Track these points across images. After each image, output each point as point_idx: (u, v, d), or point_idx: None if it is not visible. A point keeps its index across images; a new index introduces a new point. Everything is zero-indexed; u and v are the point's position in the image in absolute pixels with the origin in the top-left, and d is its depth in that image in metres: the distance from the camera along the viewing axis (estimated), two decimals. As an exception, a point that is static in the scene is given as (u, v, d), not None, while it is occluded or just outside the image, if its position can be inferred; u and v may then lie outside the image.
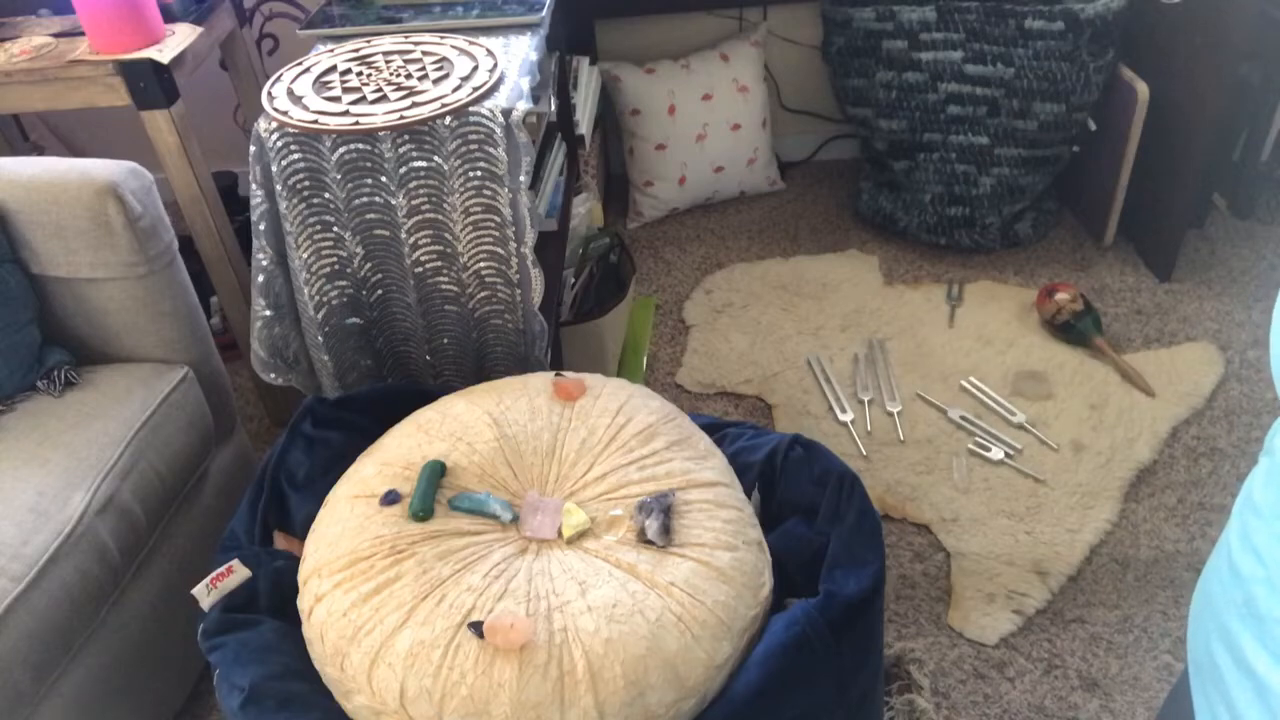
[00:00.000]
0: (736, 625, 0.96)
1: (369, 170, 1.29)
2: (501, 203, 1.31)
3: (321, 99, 1.31)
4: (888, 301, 2.25)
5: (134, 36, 1.59)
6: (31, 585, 1.16)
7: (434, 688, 0.89)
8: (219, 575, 1.05)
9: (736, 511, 1.06)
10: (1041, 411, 1.92)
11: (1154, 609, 1.55)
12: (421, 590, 0.94)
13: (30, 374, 1.40)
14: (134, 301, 1.44)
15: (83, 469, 1.29)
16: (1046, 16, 2.08)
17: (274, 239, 1.36)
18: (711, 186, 2.59)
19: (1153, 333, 2.11)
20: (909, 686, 1.44)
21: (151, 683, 1.38)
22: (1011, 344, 2.09)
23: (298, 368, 1.47)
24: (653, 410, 1.16)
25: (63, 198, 1.35)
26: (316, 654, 0.97)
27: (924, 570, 1.65)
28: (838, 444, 1.88)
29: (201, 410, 1.49)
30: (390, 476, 1.07)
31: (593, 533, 1.02)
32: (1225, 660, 0.66)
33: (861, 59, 2.29)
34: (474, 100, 1.28)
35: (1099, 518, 1.70)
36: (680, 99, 2.46)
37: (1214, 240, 2.37)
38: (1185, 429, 1.87)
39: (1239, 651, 0.63)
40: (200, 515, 1.50)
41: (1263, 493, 0.65)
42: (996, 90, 2.17)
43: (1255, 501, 0.66)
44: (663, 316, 2.29)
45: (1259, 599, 0.62)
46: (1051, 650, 1.51)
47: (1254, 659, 0.62)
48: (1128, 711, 1.42)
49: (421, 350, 1.46)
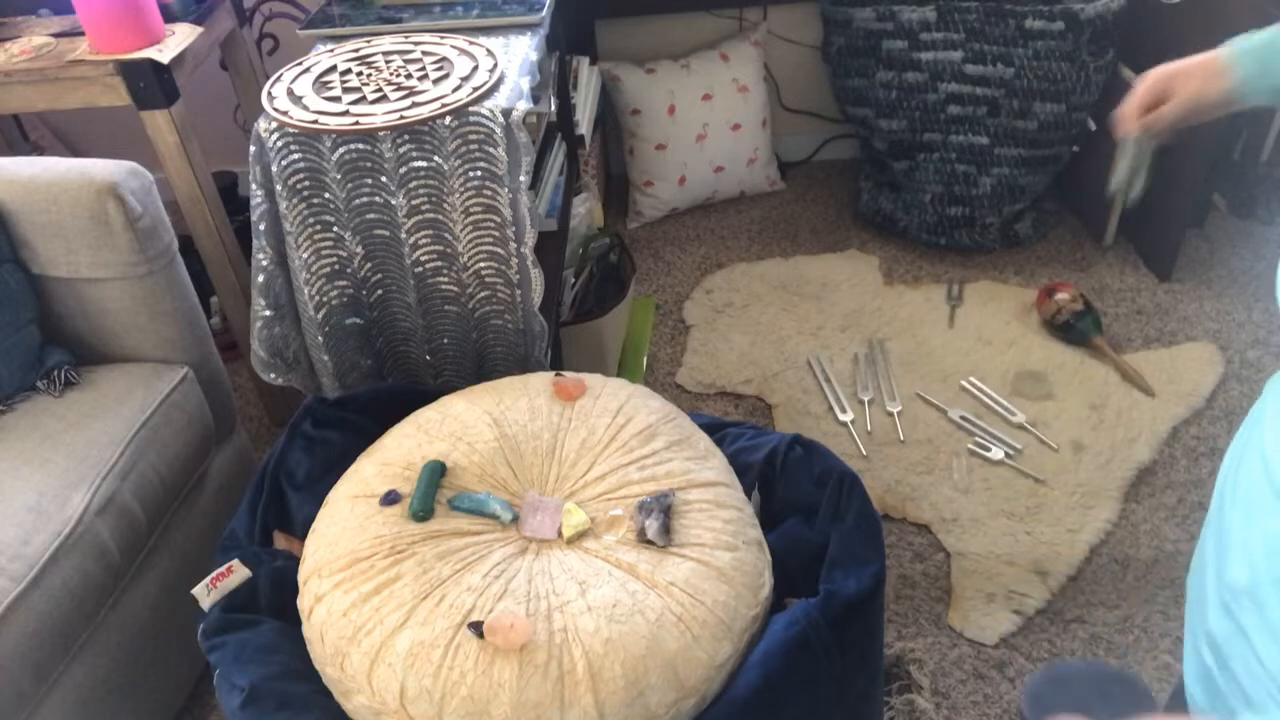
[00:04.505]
0: (736, 625, 0.96)
1: (369, 170, 1.29)
2: (501, 203, 1.31)
3: (321, 99, 1.31)
4: (888, 301, 2.25)
5: (134, 36, 1.59)
6: (32, 585, 1.16)
7: (434, 688, 0.89)
8: (219, 575, 1.05)
9: (736, 511, 1.06)
10: (1041, 411, 1.92)
11: (1154, 609, 1.55)
12: (421, 590, 0.94)
13: (30, 374, 1.40)
14: (134, 301, 1.44)
15: (83, 469, 1.29)
16: (1046, 16, 2.08)
17: (274, 239, 1.36)
18: (711, 186, 2.59)
19: (1153, 333, 2.11)
20: (909, 686, 1.44)
21: (151, 683, 1.38)
22: (1011, 344, 2.09)
23: (298, 368, 1.47)
24: (653, 410, 1.16)
25: (63, 198, 1.35)
26: (316, 654, 0.97)
27: (924, 570, 1.65)
28: (838, 444, 1.88)
29: (201, 410, 1.49)
30: (390, 476, 1.07)
31: (593, 533, 1.02)
32: (1197, 574, 0.71)
33: (861, 59, 2.29)
34: (474, 100, 1.28)
35: (1099, 518, 1.70)
36: (680, 99, 2.46)
37: (1214, 240, 2.37)
38: (1185, 429, 1.87)
39: (1204, 553, 0.70)
40: (200, 515, 1.50)
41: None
42: (996, 90, 2.17)
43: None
44: (663, 316, 2.29)
45: (1224, 496, 0.69)
46: (1051, 650, 1.51)
47: (1210, 548, 0.68)
48: (1128, 711, 1.42)
49: (421, 350, 1.46)
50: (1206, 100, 0.95)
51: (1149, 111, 1.00)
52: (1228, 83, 0.93)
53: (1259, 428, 0.66)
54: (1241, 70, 0.92)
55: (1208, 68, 0.95)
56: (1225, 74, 0.93)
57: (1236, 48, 0.93)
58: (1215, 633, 0.65)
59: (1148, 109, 1.00)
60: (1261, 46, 0.91)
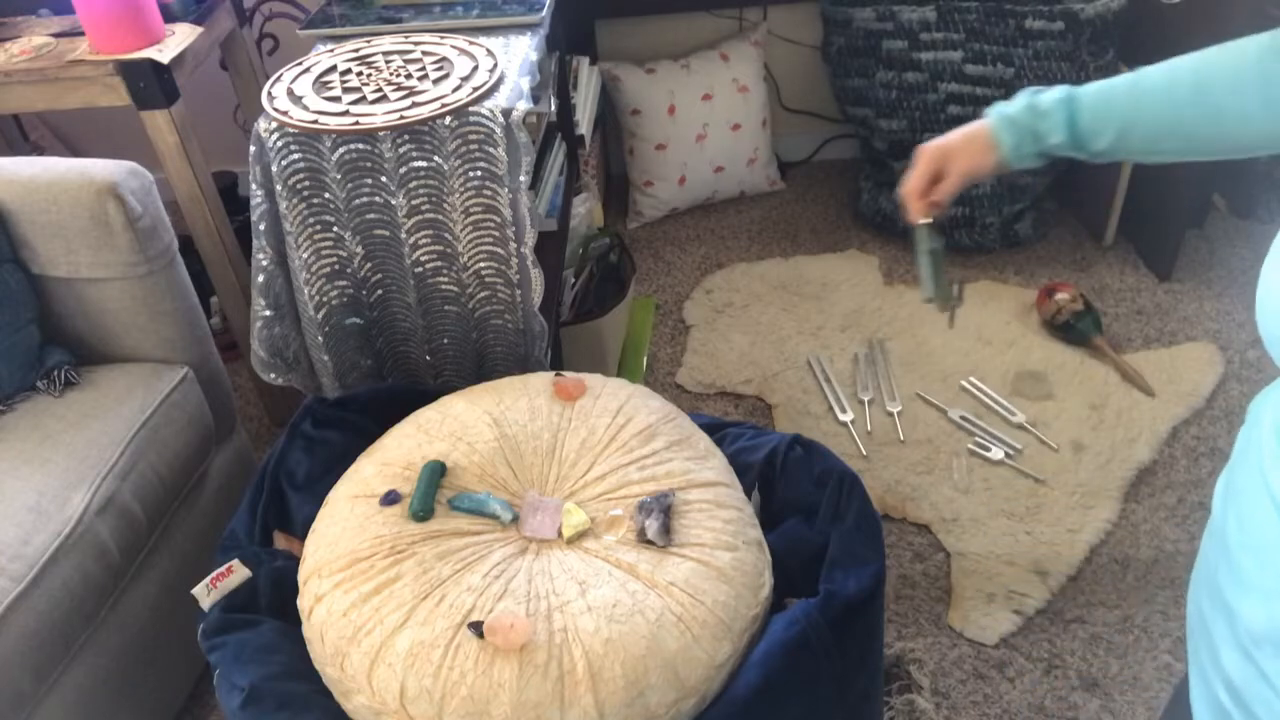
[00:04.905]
0: (736, 625, 0.96)
1: (369, 170, 1.29)
2: (501, 203, 1.31)
3: (321, 99, 1.31)
4: (888, 301, 2.25)
5: (134, 36, 1.59)
6: (32, 585, 1.16)
7: (434, 688, 0.89)
8: (219, 575, 1.05)
9: (736, 511, 1.06)
10: (1041, 411, 1.92)
11: (1154, 609, 1.55)
12: (421, 590, 0.94)
13: (30, 374, 1.40)
14: (134, 301, 1.43)
15: (83, 469, 1.29)
16: (1046, 16, 2.08)
17: (274, 239, 1.36)
18: (711, 186, 2.59)
19: (1153, 333, 2.11)
20: (909, 686, 1.44)
21: (151, 683, 1.38)
22: (1011, 344, 2.09)
23: (298, 368, 1.47)
24: (653, 410, 1.16)
25: (63, 198, 1.35)
26: (316, 654, 0.97)
27: (924, 570, 1.65)
28: (838, 444, 1.88)
29: (201, 410, 1.49)
30: (390, 476, 1.07)
31: (593, 533, 1.02)
32: (1205, 605, 0.69)
33: (861, 59, 2.29)
34: (474, 100, 1.28)
35: (1099, 518, 1.70)
36: (680, 99, 2.46)
37: (1214, 240, 2.37)
38: (1185, 429, 1.87)
39: (1216, 590, 0.67)
40: (200, 515, 1.50)
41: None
42: (996, 90, 2.17)
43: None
44: (663, 316, 2.29)
45: (1229, 534, 0.66)
46: (1051, 650, 1.51)
47: (1224, 590, 0.66)
48: (1128, 711, 1.42)
49: (421, 350, 1.46)
50: (981, 173, 1.00)
51: (929, 190, 1.05)
52: (997, 155, 0.98)
53: (1257, 465, 0.63)
54: (1009, 140, 0.97)
55: (977, 141, 0.99)
56: (994, 148, 0.98)
57: (1002, 117, 0.97)
58: (1233, 677, 0.64)
59: (928, 188, 1.05)
60: (1023, 112, 0.95)
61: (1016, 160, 0.98)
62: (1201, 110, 0.85)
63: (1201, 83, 0.85)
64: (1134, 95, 0.89)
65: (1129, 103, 0.90)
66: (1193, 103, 0.86)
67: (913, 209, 1.08)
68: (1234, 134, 0.85)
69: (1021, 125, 0.96)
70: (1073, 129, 0.93)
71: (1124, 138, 0.91)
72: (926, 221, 1.08)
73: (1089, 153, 0.94)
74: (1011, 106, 0.97)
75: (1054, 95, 0.94)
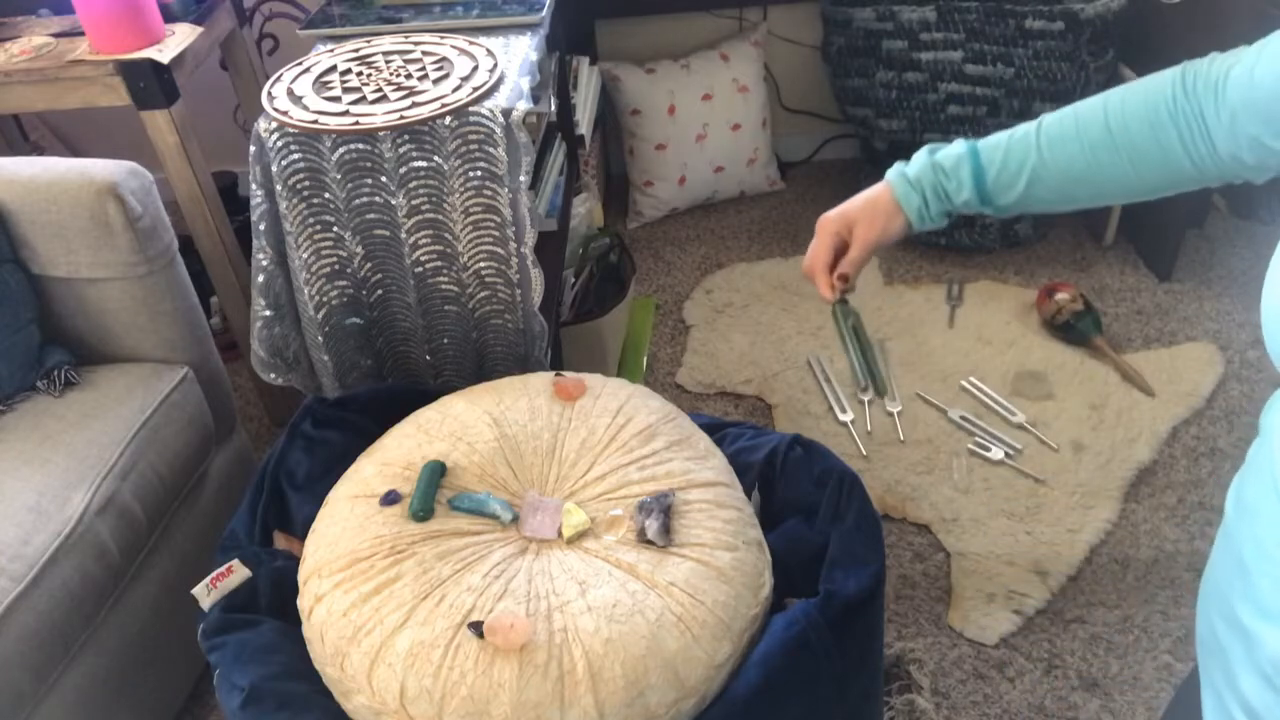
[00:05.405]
0: (736, 625, 0.96)
1: (369, 170, 1.29)
2: (501, 203, 1.31)
3: (321, 99, 1.31)
4: (888, 301, 2.25)
5: (134, 36, 1.59)
6: (32, 585, 1.16)
7: (434, 688, 0.89)
8: (219, 575, 1.05)
9: (736, 511, 1.06)
10: (1041, 411, 1.92)
11: (1154, 609, 1.55)
12: (421, 590, 0.94)
13: (30, 374, 1.40)
14: (134, 301, 1.44)
15: (83, 469, 1.29)
16: (1046, 16, 2.08)
17: (274, 239, 1.36)
18: (711, 186, 2.59)
19: (1153, 333, 2.11)
20: (909, 686, 1.44)
21: (151, 683, 1.38)
22: (1011, 344, 2.09)
23: (298, 368, 1.47)
24: (653, 410, 1.16)
25: (63, 198, 1.35)
26: (316, 654, 0.97)
27: (924, 570, 1.65)
28: (838, 444, 1.88)
29: (201, 410, 1.49)
30: (390, 476, 1.07)
31: (593, 533, 1.02)
32: (1220, 626, 0.67)
33: (861, 59, 2.29)
34: (474, 100, 1.28)
35: (1099, 518, 1.70)
36: (680, 99, 2.46)
37: (1214, 240, 2.37)
38: (1185, 429, 1.87)
39: (1231, 612, 0.65)
40: (200, 515, 1.50)
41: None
42: (996, 90, 2.17)
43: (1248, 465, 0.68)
44: (663, 316, 2.29)
45: (1245, 554, 0.64)
46: (1051, 650, 1.51)
47: (1241, 613, 0.63)
48: (1128, 711, 1.42)
49: (421, 350, 1.46)
50: (887, 239, 0.96)
51: (833, 264, 1.00)
52: (903, 219, 0.95)
53: (1270, 483, 0.61)
54: (914, 203, 0.93)
55: (879, 206, 0.96)
56: (899, 212, 0.95)
57: (903, 179, 0.94)
58: (1254, 703, 0.63)
59: (833, 261, 1.00)
60: (926, 171, 0.92)
61: (921, 223, 0.94)
62: (1117, 152, 0.83)
63: (1115, 123, 0.83)
64: (1043, 141, 0.86)
65: (1038, 149, 0.87)
66: (1108, 145, 0.83)
67: (820, 286, 1.00)
68: (1154, 173, 0.82)
69: (925, 185, 0.92)
70: (979, 184, 0.90)
71: (1035, 185, 0.88)
72: (838, 299, 0.99)
73: (996, 207, 0.91)
74: (912, 167, 0.94)
75: (955, 151, 0.91)
